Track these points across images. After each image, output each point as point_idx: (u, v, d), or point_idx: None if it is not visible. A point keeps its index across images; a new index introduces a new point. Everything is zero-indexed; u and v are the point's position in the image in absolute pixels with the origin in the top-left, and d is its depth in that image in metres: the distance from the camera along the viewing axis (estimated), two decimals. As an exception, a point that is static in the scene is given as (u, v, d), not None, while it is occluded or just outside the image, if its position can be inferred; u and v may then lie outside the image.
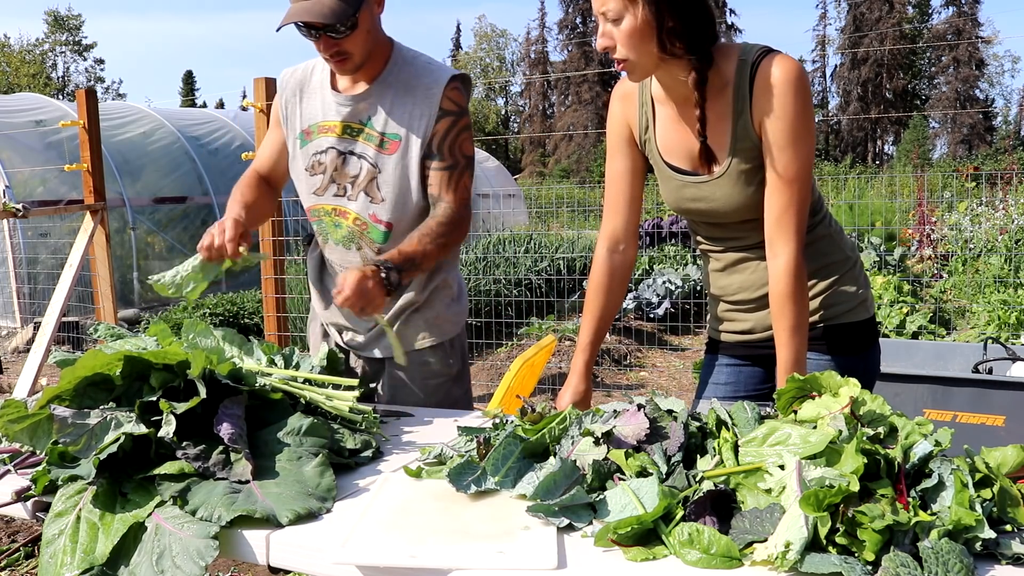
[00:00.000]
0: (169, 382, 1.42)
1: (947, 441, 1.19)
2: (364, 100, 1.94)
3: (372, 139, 1.94)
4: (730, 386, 1.89)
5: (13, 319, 8.19)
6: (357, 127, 1.95)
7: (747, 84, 1.62)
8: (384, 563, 1.11)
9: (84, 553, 1.20)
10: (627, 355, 6.60)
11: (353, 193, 1.97)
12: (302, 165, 2.04)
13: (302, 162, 2.03)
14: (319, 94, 2.00)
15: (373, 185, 1.95)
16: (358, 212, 1.98)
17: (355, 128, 1.95)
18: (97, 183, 4.36)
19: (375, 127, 1.94)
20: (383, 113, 1.93)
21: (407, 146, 1.92)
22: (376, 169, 1.94)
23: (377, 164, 1.94)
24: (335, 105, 1.97)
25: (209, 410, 1.38)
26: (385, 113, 1.93)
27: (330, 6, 1.76)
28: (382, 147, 1.93)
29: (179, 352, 1.42)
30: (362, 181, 1.96)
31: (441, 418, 1.83)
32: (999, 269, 7.26)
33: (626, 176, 1.84)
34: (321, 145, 1.99)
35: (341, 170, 1.98)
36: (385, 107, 1.93)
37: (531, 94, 56.68)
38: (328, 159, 1.98)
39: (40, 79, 43.27)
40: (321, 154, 1.99)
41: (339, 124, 1.97)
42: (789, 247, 1.63)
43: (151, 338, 1.67)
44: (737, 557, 1.07)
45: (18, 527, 3.52)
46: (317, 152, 2.00)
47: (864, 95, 48.83)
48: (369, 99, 1.94)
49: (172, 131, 10.05)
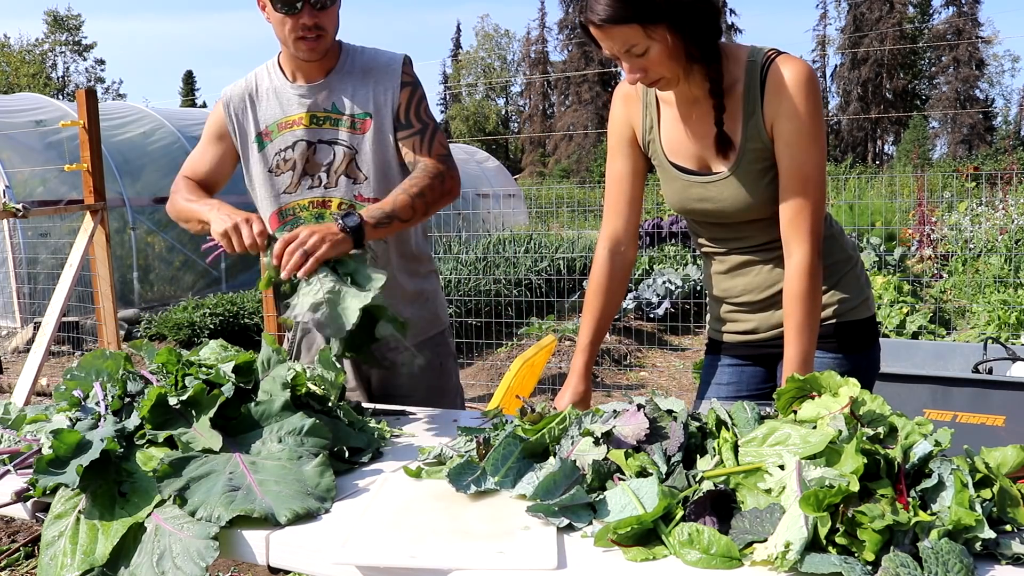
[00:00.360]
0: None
1: (947, 441, 1.18)
2: (326, 88, 2.00)
3: (343, 123, 1.99)
4: (732, 386, 1.89)
5: (13, 319, 8.19)
6: (324, 114, 1.99)
7: (758, 85, 1.63)
8: (384, 563, 1.11)
9: (84, 554, 1.20)
10: (627, 355, 6.60)
11: (331, 180, 2.00)
12: (263, 168, 2.04)
13: (262, 165, 2.04)
14: (273, 96, 2.03)
15: (353, 166, 1.99)
16: (342, 196, 2.01)
17: (322, 116, 1.99)
18: (97, 183, 4.36)
19: (343, 110, 1.99)
20: (348, 96, 1.98)
21: (380, 122, 1.98)
22: (353, 150, 1.99)
23: (353, 145, 1.98)
24: (296, 98, 2.00)
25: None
26: (350, 96, 1.98)
27: None
28: (354, 128, 1.98)
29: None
30: (339, 166, 1.99)
31: (441, 418, 1.83)
32: (999, 269, 7.26)
33: (627, 177, 1.84)
34: (286, 141, 2.01)
35: (312, 160, 2.00)
36: (348, 91, 1.99)
37: (531, 94, 56.70)
38: (297, 153, 2.00)
39: (40, 79, 43.27)
40: (286, 150, 2.01)
41: (305, 115, 2.00)
42: (804, 247, 1.64)
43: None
44: (737, 557, 1.07)
45: (18, 527, 3.52)
46: (281, 150, 2.02)
47: (864, 95, 48.84)
48: (331, 86, 2.00)
49: (172, 131, 10.05)
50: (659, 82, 1.64)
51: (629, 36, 1.55)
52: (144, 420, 1.41)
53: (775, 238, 1.72)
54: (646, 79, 1.62)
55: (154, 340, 7.30)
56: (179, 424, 1.41)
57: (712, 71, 1.64)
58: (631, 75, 1.62)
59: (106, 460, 1.30)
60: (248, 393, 1.50)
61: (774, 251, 1.75)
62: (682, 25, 1.56)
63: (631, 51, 1.58)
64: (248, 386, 1.51)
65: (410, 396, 2.11)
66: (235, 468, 1.32)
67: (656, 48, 1.57)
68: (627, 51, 1.58)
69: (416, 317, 2.11)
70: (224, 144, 2.08)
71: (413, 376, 2.14)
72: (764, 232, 1.75)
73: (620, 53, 1.59)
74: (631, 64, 1.60)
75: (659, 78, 1.62)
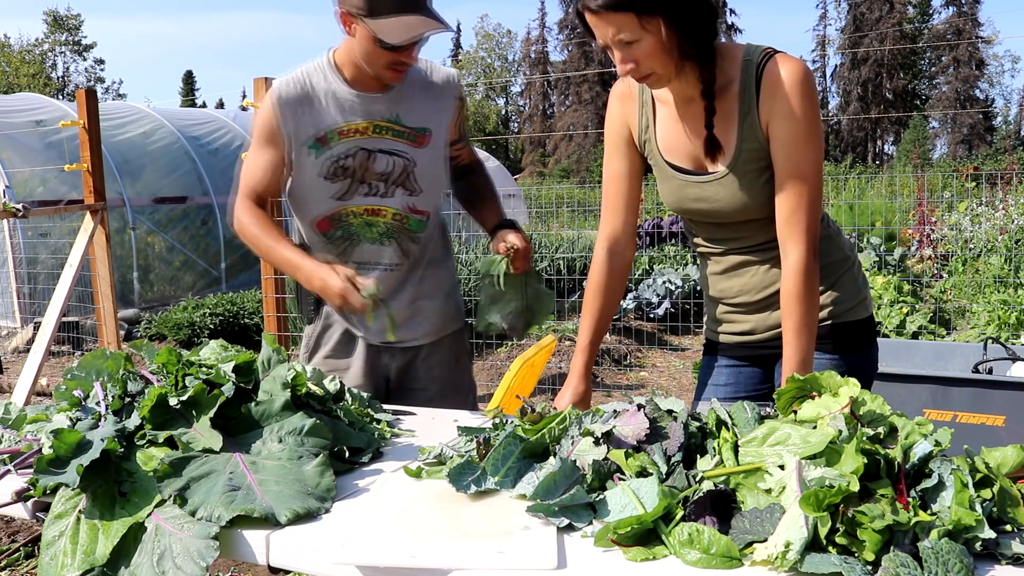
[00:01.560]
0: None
1: (947, 441, 1.18)
2: (389, 99, 2.00)
3: (403, 135, 2.01)
4: (730, 387, 1.89)
5: (13, 319, 8.19)
6: (386, 124, 2.00)
7: (753, 85, 1.62)
8: (384, 563, 1.11)
9: (84, 554, 1.20)
10: (627, 355, 6.60)
11: (387, 190, 2.03)
12: (315, 172, 2.00)
13: (315, 170, 2.00)
14: (332, 100, 1.98)
15: (410, 178, 2.03)
16: (396, 207, 2.04)
17: (384, 125, 2.00)
18: (97, 183, 4.36)
19: (405, 123, 2.01)
20: (410, 109, 2.01)
21: (437, 136, 2.05)
22: (411, 163, 2.02)
23: (411, 158, 2.02)
24: (358, 105, 1.98)
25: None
26: (411, 108, 2.01)
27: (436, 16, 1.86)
28: (413, 140, 2.02)
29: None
30: (397, 176, 2.02)
31: (441, 418, 1.83)
32: (999, 269, 7.26)
33: (625, 177, 1.84)
34: (345, 149, 1.99)
35: (370, 169, 2.01)
36: (410, 103, 2.01)
37: (531, 94, 56.69)
38: (356, 162, 2.00)
39: (40, 79, 43.25)
40: (347, 158, 1.99)
41: (368, 124, 1.99)
42: (799, 247, 1.63)
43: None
44: (737, 557, 1.07)
45: (18, 527, 3.52)
46: (340, 157, 1.99)
47: (864, 95, 48.83)
48: (395, 96, 2.00)
49: (172, 131, 10.05)
50: (650, 77, 1.62)
51: (623, 24, 1.54)
52: (144, 420, 1.41)
53: (771, 238, 1.72)
54: (637, 72, 1.61)
55: (154, 340, 7.30)
56: (179, 424, 1.41)
57: (706, 72, 1.63)
58: (622, 66, 1.61)
59: (106, 460, 1.30)
60: (248, 393, 1.50)
61: (771, 251, 1.75)
62: (678, 20, 1.55)
63: (623, 40, 1.56)
64: (248, 386, 1.51)
65: (426, 390, 2.16)
66: (235, 468, 1.32)
67: (649, 40, 1.56)
68: (619, 40, 1.57)
69: (442, 312, 2.18)
70: (276, 148, 2.02)
71: (430, 370, 2.16)
72: (761, 232, 1.75)
73: (612, 42, 1.58)
74: (623, 54, 1.59)
75: (650, 72, 1.61)
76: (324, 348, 2.19)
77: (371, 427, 1.63)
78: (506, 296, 2.04)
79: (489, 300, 2.07)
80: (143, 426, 1.41)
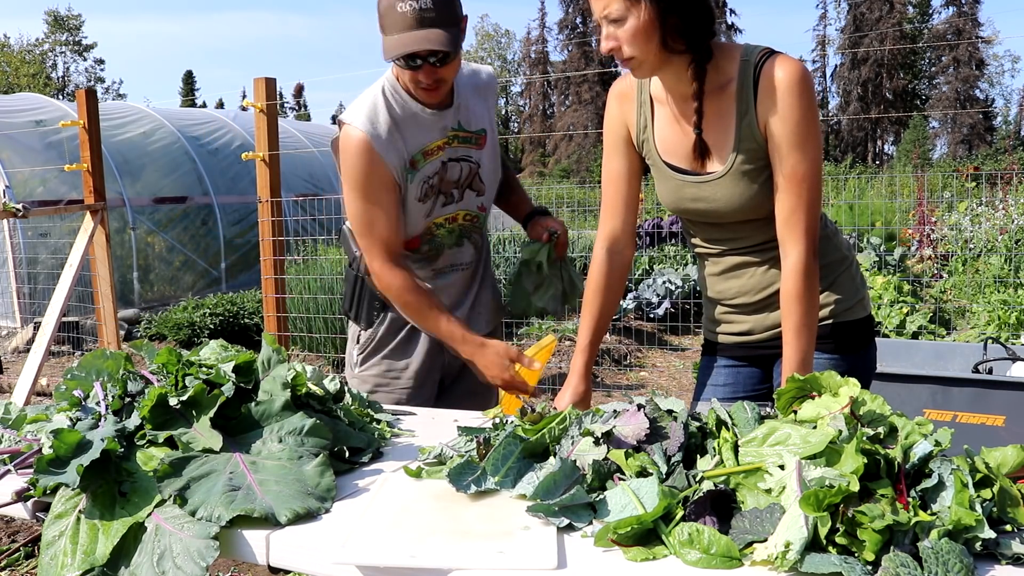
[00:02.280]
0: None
1: (947, 441, 1.18)
2: (452, 109, 2.04)
3: (468, 140, 2.06)
4: (728, 387, 1.89)
5: (13, 319, 8.19)
6: (454, 133, 2.04)
7: (751, 85, 1.63)
8: (384, 563, 1.11)
9: (84, 554, 1.20)
10: (627, 355, 6.60)
11: (460, 195, 2.08)
12: (413, 197, 2.02)
13: (412, 194, 2.02)
14: (413, 123, 1.97)
15: (477, 180, 2.09)
16: (467, 208, 2.10)
17: (452, 135, 2.04)
18: (97, 183, 4.36)
19: (468, 128, 2.06)
20: (467, 114, 2.06)
21: (492, 135, 2.12)
22: (476, 165, 2.08)
23: (477, 160, 2.08)
24: (435, 123, 2.01)
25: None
26: (470, 113, 2.06)
27: (445, 35, 1.82)
28: (476, 144, 2.08)
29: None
30: (465, 180, 2.07)
31: (441, 418, 1.83)
32: (999, 269, 7.26)
33: (623, 176, 1.84)
34: (431, 170, 2.02)
35: (445, 179, 2.05)
36: (468, 108, 2.06)
37: (531, 94, 56.69)
38: (437, 178, 2.04)
39: (40, 79, 43.23)
40: (433, 177, 2.03)
41: (444, 140, 2.03)
42: (799, 247, 1.64)
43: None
44: (737, 557, 1.07)
45: (18, 527, 3.52)
46: (428, 177, 2.02)
47: (864, 95, 48.83)
48: (454, 106, 2.04)
49: (172, 131, 10.04)
50: (631, 61, 1.62)
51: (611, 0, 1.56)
52: (144, 420, 1.41)
53: (770, 239, 1.72)
54: (619, 54, 1.61)
55: (154, 340, 7.30)
56: (179, 424, 1.41)
57: (698, 71, 1.63)
58: (604, 42, 1.62)
59: (106, 460, 1.30)
60: (248, 393, 1.50)
61: (769, 252, 1.75)
62: (667, 9, 1.56)
63: (609, 17, 1.58)
64: (248, 386, 1.51)
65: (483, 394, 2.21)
66: (235, 468, 1.32)
67: (632, 23, 1.56)
68: (606, 16, 1.58)
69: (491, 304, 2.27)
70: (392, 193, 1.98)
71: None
72: (759, 233, 1.75)
73: (600, 17, 1.59)
74: (606, 31, 1.60)
75: (631, 56, 1.61)
76: (384, 349, 2.18)
77: (371, 427, 1.63)
78: (548, 280, 2.14)
79: (533, 286, 2.15)
80: (143, 426, 1.41)
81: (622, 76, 1.86)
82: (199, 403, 1.42)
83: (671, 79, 1.69)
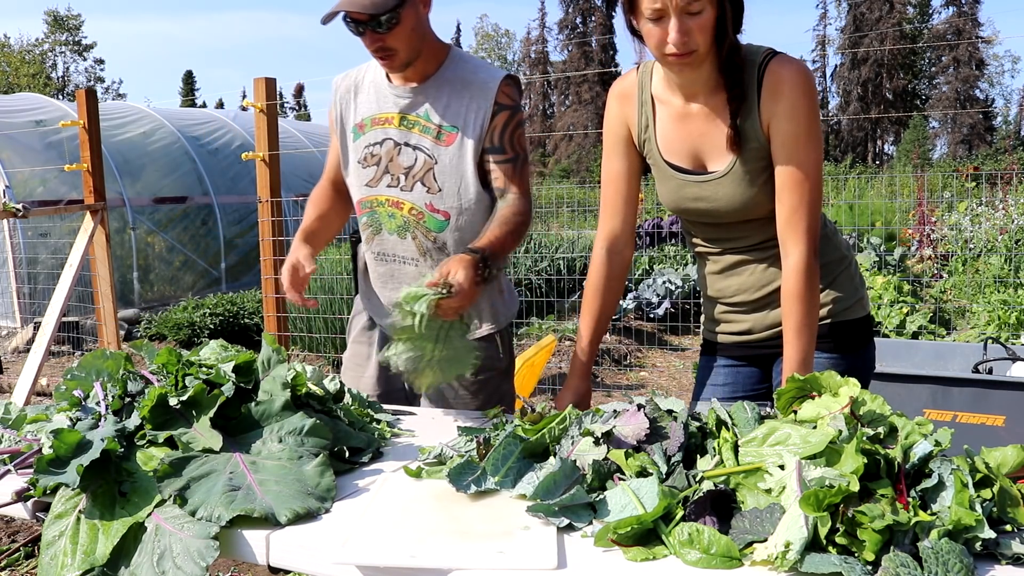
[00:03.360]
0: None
1: (947, 441, 1.19)
2: (422, 93, 2.00)
3: (429, 131, 2.00)
4: (728, 387, 1.89)
5: (13, 319, 8.19)
6: (414, 119, 2.01)
7: (755, 85, 1.63)
8: (384, 563, 1.11)
9: (84, 554, 1.20)
10: (627, 355, 6.60)
11: (408, 184, 2.03)
12: (355, 158, 2.08)
13: (355, 155, 2.08)
14: (373, 90, 2.06)
15: (430, 175, 2.00)
16: (414, 202, 2.03)
17: (412, 120, 2.01)
18: (97, 183, 4.36)
19: (432, 119, 1.99)
20: (440, 106, 1.99)
21: (463, 138, 1.98)
22: (432, 160, 2.00)
23: (434, 155, 2.00)
24: (392, 97, 2.02)
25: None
26: (443, 106, 1.98)
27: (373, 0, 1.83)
28: (439, 139, 2.00)
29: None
30: (418, 172, 2.02)
31: (441, 418, 1.83)
32: (999, 269, 7.26)
33: (623, 176, 1.84)
34: (376, 137, 2.04)
35: (395, 161, 2.03)
36: (442, 100, 1.98)
37: (531, 94, 56.68)
38: (383, 150, 2.04)
39: (40, 79, 43.22)
40: (375, 145, 2.04)
41: (396, 115, 2.02)
42: (799, 247, 1.64)
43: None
44: (737, 557, 1.07)
45: (18, 527, 3.52)
46: (371, 144, 2.05)
47: (864, 95, 48.83)
48: (427, 92, 2.00)
49: (172, 131, 10.04)
50: (692, 55, 1.58)
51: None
52: (144, 420, 1.41)
53: (769, 238, 1.72)
54: (685, 46, 1.57)
55: (154, 340, 7.30)
56: (179, 424, 1.41)
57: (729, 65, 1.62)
58: (679, 35, 1.55)
59: (106, 460, 1.30)
60: (248, 393, 1.50)
61: (768, 251, 1.75)
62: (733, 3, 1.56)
63: (691, 10, 1.54)
64: (248, 386, 1.51)
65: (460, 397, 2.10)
66: (235, 468, 1.32)
67: (710, 13, 1.55)
68: (687, 8, 1.53)
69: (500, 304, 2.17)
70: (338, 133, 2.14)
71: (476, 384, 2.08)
72: (758, 232, 1.75)
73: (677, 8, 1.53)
74: (682, 23, 1.55)
75: (694, 49, 1.58)
76: (352, 333, 2.25)
77: (371, 427, 1.63)
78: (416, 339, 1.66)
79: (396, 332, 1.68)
80: (143, 426, 1.41)
81: (622, 76, 1.85)
82: (199, 403, 1.42)
83: (688, 76, 1.67)
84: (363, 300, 2.23)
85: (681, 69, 1.63)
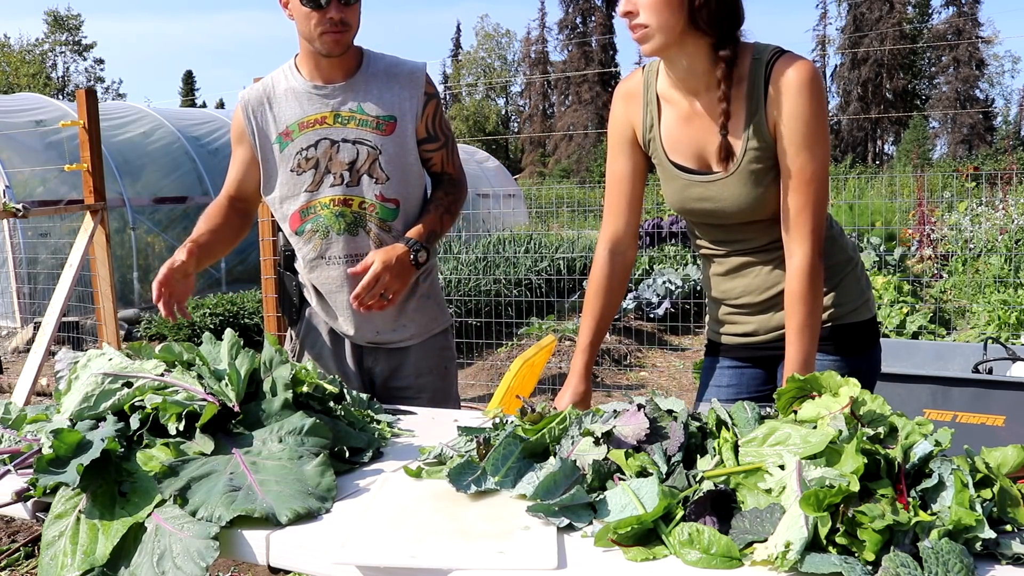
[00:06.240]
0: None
1: (947, 441, 1.18)
2: (350, 89, 2.04)
3: (367, 123, 2.03)
4: (732, 388, 1.89)
5: (13, 319, 8.19)
6: (348, 114, 2.03)
7: (762, 84, 1.62)
8: (384, 563, 1.11)
9: (84, 554, 1.20)
10: (627, 355, 6.60)
11: (354, 179, 2.04)
12: (286, 167, 2.06)
13: (285, 164, 2.07)
14: (292, 97, 2.06)
15: (376, 166, 2.04)
16: (364, 195, 2.05)
17: (346, 116, 2.03)
18: (97, 183, 4.36)
19: (368, 112, 2.03)
20: (374, 98, 2.04)
21: (403, 125, 2.05)
22: (377, 151, 2.03)
23: (377, 146, 2.03)
24: (318, 98, 2.04)
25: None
26: (375, 98, 2.04)
27: None
28: (379, 129, 2.03)
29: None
30: (362, 165, 2.03)
31: (441, 418, 1.83)
32: (999, 269, 7.26)
33: (628, 177, 1.83)
34: (308, 140, 2.04)
35: (335, 159, 2.03)
36: (374, 93, 2.04)
37: (531, 94, 56.69)
38: (320, 151, 2.04)
39: (40, 79, 43.23)
40: (309, 149, 2.04)
41: (329, 114, 2.04)
42: (804, 248, 1.63)
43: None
44: (737, 557, 1.07)
45: (18, 527, 3.52)
46: (303, 148, 2.04)
47: (864, 95, 48.82)
48: (355, 88, 2.04)
49: (172, 131, 10.04)
50: (645, 30, 1.57)
51: None
52: (142, 423, 1.40)
53: (774, 239, 1.72)
54: (633, 20, 1.56)
55: (154, 340, 7.30)
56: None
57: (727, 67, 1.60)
58: (622, 6, 1.58)
59: (106, 460, 1.30)
60: (249, 394, 1.50)
61: (773, 252, 1.75)
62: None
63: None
64: (250, 388, 1.50)
65: (416, 399, 2.13)
66: (236, 468, 1.32)
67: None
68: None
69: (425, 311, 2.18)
70: (245, 147, 2.12)
71: (419, 376, 2.16)
72: (764, 233, 1.74)
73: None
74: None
75: (645, 25, 1.56)
76: (310, 350, 2.21)
77: (371, 427, 1.63)
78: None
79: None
80: (143, 427, 1.40)
81: (627, 76, 1.85)
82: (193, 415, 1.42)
83: (682, 69, 1.65)
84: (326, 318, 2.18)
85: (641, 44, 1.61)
